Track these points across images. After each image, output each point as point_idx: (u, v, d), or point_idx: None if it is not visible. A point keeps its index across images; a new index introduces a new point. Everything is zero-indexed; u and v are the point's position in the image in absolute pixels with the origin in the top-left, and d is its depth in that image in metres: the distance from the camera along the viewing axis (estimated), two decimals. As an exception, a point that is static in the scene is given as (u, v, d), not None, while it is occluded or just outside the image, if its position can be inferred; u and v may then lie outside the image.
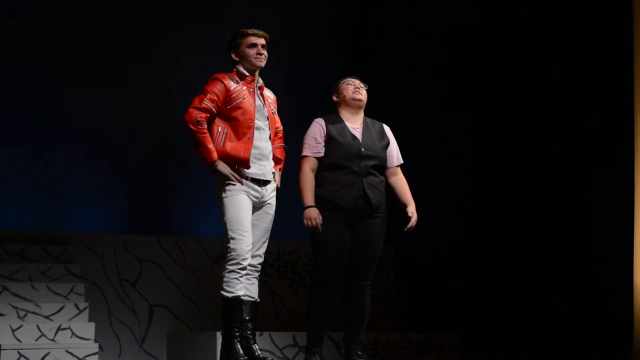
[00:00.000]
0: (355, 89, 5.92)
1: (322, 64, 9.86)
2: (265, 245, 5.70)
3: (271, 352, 7.90)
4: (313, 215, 5.62)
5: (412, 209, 6.03)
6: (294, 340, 8.13)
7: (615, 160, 8.22)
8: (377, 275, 9.50)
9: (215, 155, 5.51)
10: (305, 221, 5.64)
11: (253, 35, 5.67)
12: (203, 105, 5.53)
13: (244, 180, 5.56)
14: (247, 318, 5.61)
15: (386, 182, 5.99)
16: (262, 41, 5.69)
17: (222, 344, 5.61)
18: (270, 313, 8.91)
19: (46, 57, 8.93)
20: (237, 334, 5.56)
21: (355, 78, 6.00)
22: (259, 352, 5.62)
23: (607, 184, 8.35)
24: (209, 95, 5.55)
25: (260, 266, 5.67)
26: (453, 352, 9.01)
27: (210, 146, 5.51)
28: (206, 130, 5.52)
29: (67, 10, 9.06)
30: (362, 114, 5.97)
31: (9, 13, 8.83)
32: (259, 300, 5.69)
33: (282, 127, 5.88)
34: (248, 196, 5.56)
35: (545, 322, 8.74)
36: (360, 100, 5.91)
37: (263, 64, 5.69)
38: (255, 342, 5.63)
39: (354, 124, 5.91)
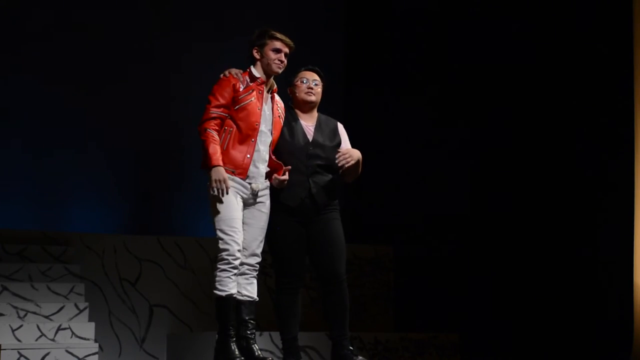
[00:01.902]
0: (308, 90, 5.81)
1: (322, 64, 9.85)
2: (262, 244, 5.66)
3: (271, 352, 7.89)
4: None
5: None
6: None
7: (616, 160, 8.22)
8: (377, 275, 9.55)
9: (217, 162, 5.44)
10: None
11: (281, 41, 5.65)
12: (211, 115, 5.50)
13: (234, 177, 5.51)
14: (247, 318, 5.61)
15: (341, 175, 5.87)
16: (287, 50, 5.68)
17: (217, 342, 5.59)
18: (270, 313, 8.89)
19: (46, 57, 8.93)
20: (232, 333, 5.55)
21: (312, 71, 5.88)
22: (259, 352, 5.61)
23: (607, 184, 8.35)
24: (214, 102, 5.51)
25: (258, 265, 5.65)
26: (453, 352, 9.00)
27: (212, 152, 5.45)
28: (214, 138, 5.47)
29: (67, 10, 9.06)
30: (315, 112, 5.87)
31: (8, 13, 8.83)
32: (257, 300, 5.68)
33: None
34: (238, 193, 5.54)
35: (545, 322, 8.74)
36: (311, 102, 5.81)
37: (280, 71, 5.68)
38: (255, 342, 5.62)
39: (307, 121, 5.82)
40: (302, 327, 6.21)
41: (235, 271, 5.50)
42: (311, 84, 5.82)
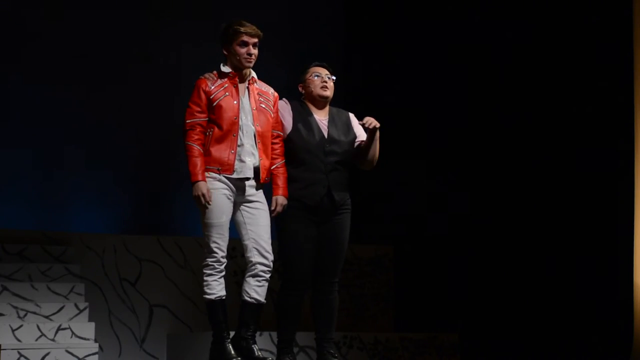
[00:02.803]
0: (323, 83, 5.74)
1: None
2: (270, 239, 5.57)
3: (271, 352, 7.89)
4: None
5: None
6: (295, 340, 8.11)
7: (616, 160, 8.23)
8: (377, 275, 9.55)
9: (196, 177, 5.44)
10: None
11: (246, 34, 5.53)
12: (189, 124, 5.50)
13: (222, 177, 5.49)
14: (250, 320, 5.56)
15: (356, 159, 5.83)
16: (255, 40, 5.55)
17: (212, 343, 5.59)
18: (271, 313, 8.90)
19: (46, 57, 8.93)
20: (226, 334, 5.55)
21: (322, 67, 5.81)
22: (259, 352, 5.59)
23: (607, 184, 8.35)
24: (189, 110, 5.51)
25: (271, 265, 5.56)
26: (453, 352, 9.00)
27: (192, 167, 5.45)
28: (195, 152, 5.46)
29: (67, 9, 9.06)
30: (327, 106, 5.82)
31: (8, 13, 8.83)
32: (264, 302, 5.60)
33: (282, 134, 5.71)
34: (227, 197, 5.51)
35: (545, 322, 8.74)
36: (327, 97, 5.75)
37: (251, 65, 5.59)
38: (255, 343, 5.61)
39: (321, 115, 5.76)
40: (302, 327, 6.20)
41: (222, 274, 5.51)
42: (325, 78, 5.77)
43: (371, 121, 5.67)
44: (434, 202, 9.75)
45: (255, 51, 5.57)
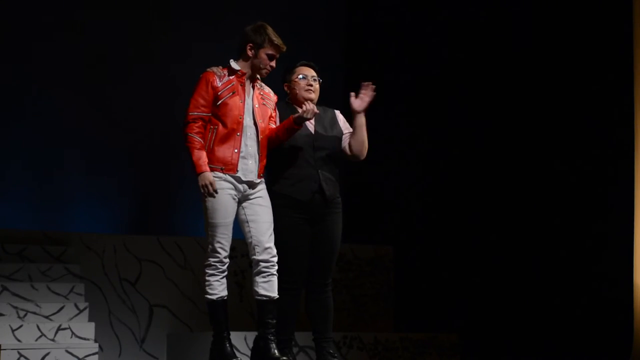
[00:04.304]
0: (308, 87, 5.75)
1: (322, 64, 9.87)
2: (272, 237, 5.54)
3: (271, 352, 7.89)
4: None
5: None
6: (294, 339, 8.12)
7: (615, 160, 8.23)
8: (377, 275, 9.55)
9: (201, 168, 5.45)
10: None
11: (278, 47, 5.57)
12: (190, 117, 5.50)
13: (226, 175, 5.49)
14: (266, 319, 5.51)
15: (345, 152, 5.81)
16: (278, 56, 5.61)
17: (212, 343, 5.59)
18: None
19: (46, 57, 8.93)
20: (226, 334, 5.55)
21: (309, 66, 5.82)
22: (276, 351, 5.50)
23: (606, 184, 8.36)
24: (193, 102, 5.50)
25: (274, 260, 5.52)
26: (453, 352, 9.00)
27: (196, 159, 5.46)
28: (197, 143, 5.47)
29: (66, 10, 9.06)
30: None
31: (7, 13, 8.83)
32: (277, 297, 5.55)
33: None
34: (232, 197, 5.51)
35: (545, 323, 8.74)
36: (312, 100, 5.74)
37: (265, 76, 5.65)
38: (273, 342, 5.53)
39: None
40: (302, 327, 6.19)
41: (224, 274, 5.51)
42: (310, 80, 5.77)
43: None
44: (434, 202, 9.76)
45: (274, 65, 5.62)
